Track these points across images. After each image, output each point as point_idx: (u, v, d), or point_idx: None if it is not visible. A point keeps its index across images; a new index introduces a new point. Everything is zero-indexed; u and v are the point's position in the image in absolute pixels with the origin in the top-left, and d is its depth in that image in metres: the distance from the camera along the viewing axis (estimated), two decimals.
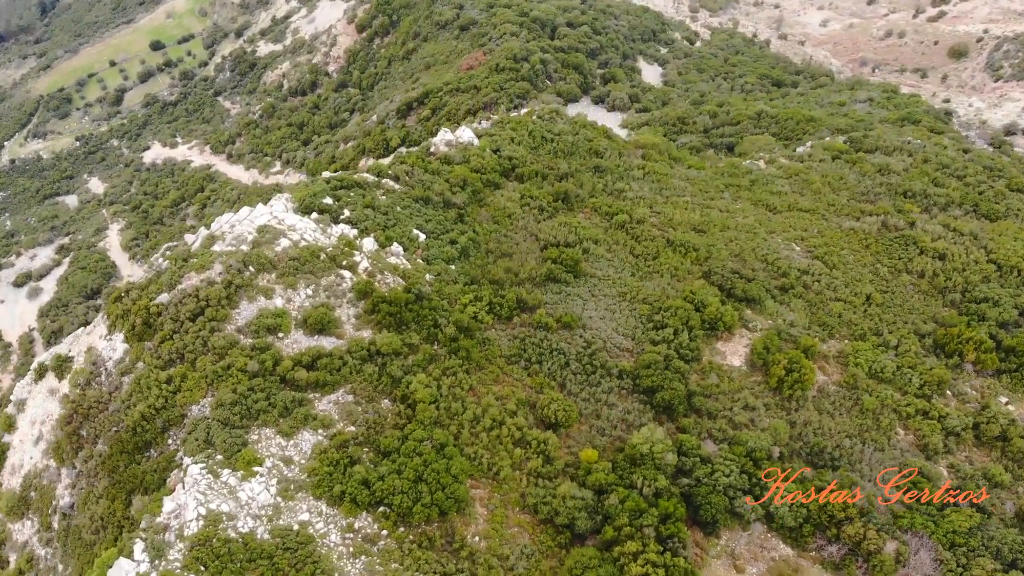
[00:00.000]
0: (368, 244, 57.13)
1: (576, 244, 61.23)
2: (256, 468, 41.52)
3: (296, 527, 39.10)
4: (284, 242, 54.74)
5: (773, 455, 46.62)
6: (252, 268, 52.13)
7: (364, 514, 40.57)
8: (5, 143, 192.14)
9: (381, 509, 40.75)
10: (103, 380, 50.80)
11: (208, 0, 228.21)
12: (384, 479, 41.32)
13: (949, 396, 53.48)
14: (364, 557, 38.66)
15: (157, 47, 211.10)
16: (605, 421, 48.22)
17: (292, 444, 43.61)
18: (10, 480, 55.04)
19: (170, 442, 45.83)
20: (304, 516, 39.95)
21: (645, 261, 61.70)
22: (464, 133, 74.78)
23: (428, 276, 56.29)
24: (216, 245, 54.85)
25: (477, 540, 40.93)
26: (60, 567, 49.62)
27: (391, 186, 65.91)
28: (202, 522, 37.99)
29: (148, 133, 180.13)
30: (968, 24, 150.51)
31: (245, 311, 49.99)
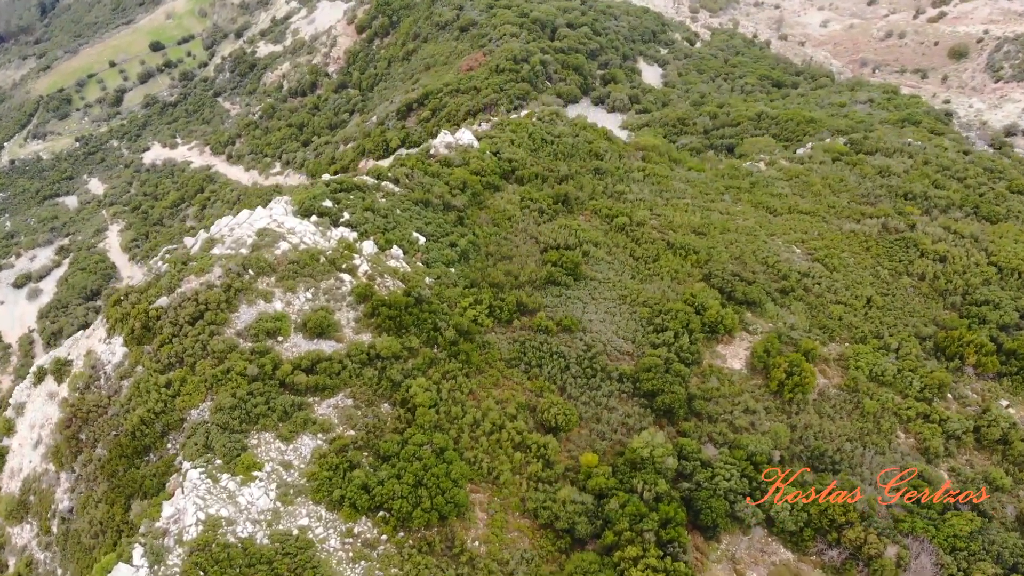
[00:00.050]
0: (368, 247, 57.02)
1: (576, 247, 61.10)
2: (255, 473, 41.45)
3: (295, 532, 39.03)
4: (283, 245, 54.64)
5: (774, 459, 46.47)
6: (251, 271, 52.04)
7: (364, 519, 40.46)
8: (5, 144, 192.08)
9: (381, 514, 40.66)
10: (102, 384, 50.71)
11: (208, 1, 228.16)
12: (384, 484, 41.24)
13: (950, 399, 53.37)
14: (364, 562, 38.59)
15: (157, 48, 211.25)
16: (605, 425, 48.11)
17: (291, 448, 43.53)
18: (9, 484, 54.95)
19: (169, 446, 45.71)
20: (303, 521, 39.86)
21: (645, 264, 61.58)
22: (464, 135, 74.68)
23: (428, 279, 56.18)
24: (215, 248, 54.73)
25: (477, 545, 40.84)
26: (59, 571, 49.52)
27: (391, 189, 65.79)
28: (201, 527, 37.90)
29: (148, 134, 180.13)
30: (968, 25, 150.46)
31: (244, 315, 49.90)
